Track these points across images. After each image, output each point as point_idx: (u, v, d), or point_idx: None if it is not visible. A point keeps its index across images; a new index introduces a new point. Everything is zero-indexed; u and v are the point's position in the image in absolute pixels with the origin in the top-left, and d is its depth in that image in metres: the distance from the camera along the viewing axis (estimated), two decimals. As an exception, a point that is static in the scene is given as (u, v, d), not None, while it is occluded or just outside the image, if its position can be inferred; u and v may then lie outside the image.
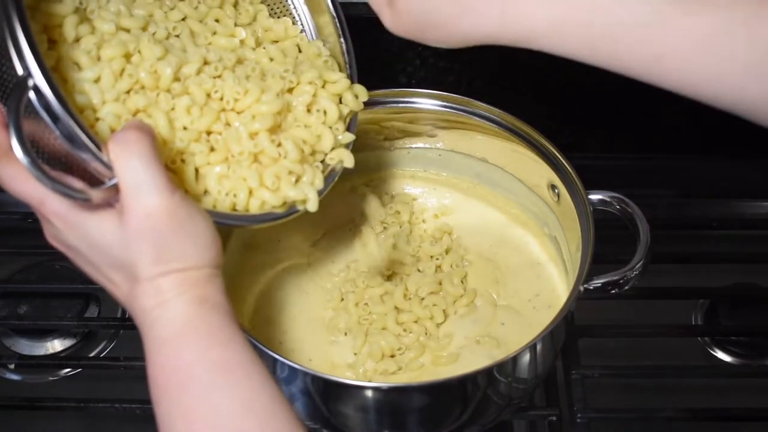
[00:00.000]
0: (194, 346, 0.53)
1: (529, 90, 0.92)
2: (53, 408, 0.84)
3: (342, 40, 0.70)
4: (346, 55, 0.70)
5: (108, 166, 0.53)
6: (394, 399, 0.69)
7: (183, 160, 0.61)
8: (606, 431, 0.82)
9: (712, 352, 0.90)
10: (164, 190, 0.53)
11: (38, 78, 0.51)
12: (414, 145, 0.88)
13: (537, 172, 0.81)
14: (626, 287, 0.73)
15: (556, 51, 0.57)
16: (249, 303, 0.80)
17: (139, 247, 0.53)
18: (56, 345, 0.90)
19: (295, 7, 0.72)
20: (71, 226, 0.54)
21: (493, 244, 0.85)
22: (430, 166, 0.89)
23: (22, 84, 0.51)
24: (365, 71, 0.71)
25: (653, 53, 0.53)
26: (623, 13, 0.53)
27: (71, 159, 0.54)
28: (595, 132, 0.96)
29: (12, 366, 0.88)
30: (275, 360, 0.67)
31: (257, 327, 0.78)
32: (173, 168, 0.60)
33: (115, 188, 0.53)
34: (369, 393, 0.67)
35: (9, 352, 0.89)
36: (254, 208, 0.63)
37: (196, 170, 0.61)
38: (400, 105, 0.83)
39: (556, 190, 0.79)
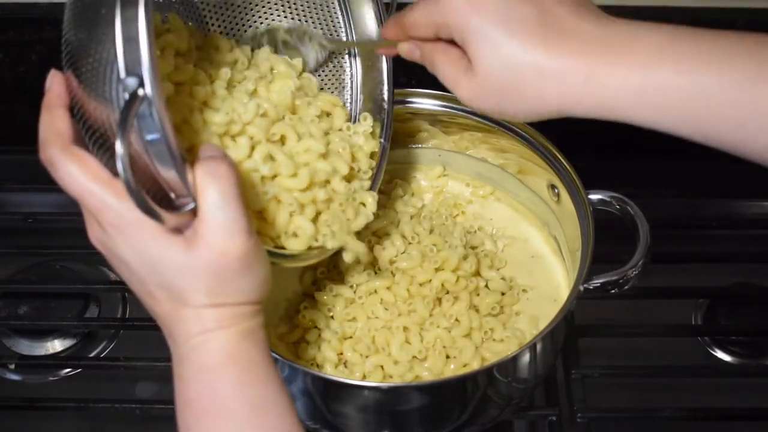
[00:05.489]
0: (233, 380, 0.54)
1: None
2: (53, 408, 0.84)
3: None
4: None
5: (189, 190, 0.51)
6: (394, 399, 0.69)
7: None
8: (606, 431, 0.82)
9: (711, 351, 0.90)
10: (244, 232, 0.52)
11: (149, 89, 0.48)
12: (414, 145, 0.88)
13: (537, 172, 0.81)
14: (626, 287, 0.73)
15: (636, 120, 0.55)
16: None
17: (199, 279, 0.52)
18: (56, 345, 0.90)
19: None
20: (129, 239, 0.52)
21: (494, 238, 0.85)
22: (429, 166, 0.89)
23: (134, 94, 0.48)
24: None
25: (737, 120, 0.53)
26: (706, 81, 0.52)
27: (149, 171, 0.50)
28: (595, 132, 0.95)
29: (12, 366, 0.88)
30: (275, 360, 0.67)
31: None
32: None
33: (192, 214, 0.51)
34: (369, 393, 0.67)
35: (9, 352, 0.89)
36: (294, 247, 0.65)
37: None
38: (400, 105, 0.83)
39: (556, 190, 0.79)
